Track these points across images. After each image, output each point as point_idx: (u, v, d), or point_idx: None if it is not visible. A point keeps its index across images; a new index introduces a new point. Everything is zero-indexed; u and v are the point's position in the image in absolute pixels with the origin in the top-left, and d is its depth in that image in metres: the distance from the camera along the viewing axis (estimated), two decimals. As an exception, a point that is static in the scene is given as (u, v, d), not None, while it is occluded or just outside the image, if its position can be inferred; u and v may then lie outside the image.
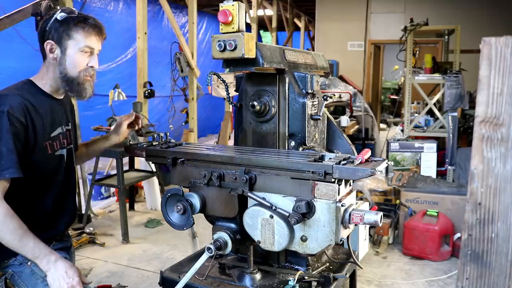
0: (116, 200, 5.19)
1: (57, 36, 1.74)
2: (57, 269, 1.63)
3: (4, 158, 1.61)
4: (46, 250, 1.65)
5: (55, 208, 1.89)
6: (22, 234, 1.61)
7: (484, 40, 1.15)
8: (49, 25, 1.75)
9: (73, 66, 1.78)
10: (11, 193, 1.66)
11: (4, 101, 1.65)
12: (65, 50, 1.76)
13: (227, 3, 1.73)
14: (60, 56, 1.76)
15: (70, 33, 1.75)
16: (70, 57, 1.76)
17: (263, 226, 1.69)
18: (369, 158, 1.70)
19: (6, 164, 1.61)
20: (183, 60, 5.67)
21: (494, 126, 1.16)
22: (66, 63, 1.77)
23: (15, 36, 4.94)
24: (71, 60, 1.77)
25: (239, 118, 2.16)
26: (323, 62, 2.47)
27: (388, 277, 3.33)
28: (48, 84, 1.82)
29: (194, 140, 5.99)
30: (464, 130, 6.18)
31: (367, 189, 4.10)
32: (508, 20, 7.76)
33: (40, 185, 1.82)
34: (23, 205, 1.72)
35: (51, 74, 1.80)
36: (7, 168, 1.61)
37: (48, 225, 1.87)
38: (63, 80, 1.80)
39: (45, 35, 1.76)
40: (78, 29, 1.75)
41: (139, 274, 3.40)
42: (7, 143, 1.62)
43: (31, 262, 1.72)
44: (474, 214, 1.21)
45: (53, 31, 1.74)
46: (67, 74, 1.78)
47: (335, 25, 9.19)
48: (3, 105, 1.64)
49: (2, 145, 1.62)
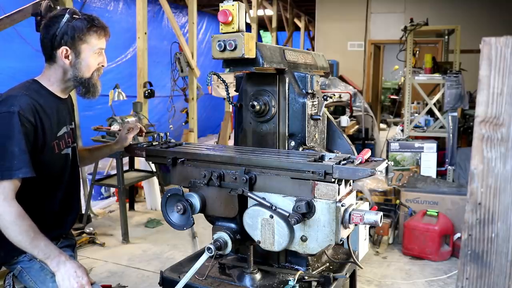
0: (116, 200, 5.19)
1: (71, 42, 1.76)
2: (67, 269, 1.66)
3: (16, 158, 1.63)
4: (56, 251, 1.68)
5: (62, 207, 1.91)
6: (33, 235, 1.63)
7: (484, 40, 1.15)
8: (60, 30, 1.75)
9: (87, 69, 1.82)
10: (21, 194, 1.67)
11: (14, 102, 1.67)
12: (79, 54, 1.79)
13: (227, 3, 1.73)
14: (74, 60, 1.79)
15: (84, 38, 1.78)
16: (84, 60, 1.80)
17: (263, 226, 1.69)
18: (369, 158, 1.70)
19: (19, 164, 1.63)
20: (183, 60, 5.67)
21: (494, 126, 1.16)
22: (81, 66, 1.80)
23: (15, 36, 4.94)
24: (86, 63, 1.81)
25: (239, 118, 2.16)
26: (323, 62, 2.47)
27: (388, 277, 3.33)
28: (55, 85, 1.84)
29: (194, 140, 5.99)
30: (464, 130, 6.18)
31: (367, 189, 4.10)
32: (508, 20, 7.76)
33: (49, 185, 1.83)
34: (32, 205, 1.73)
35: (59, 76, 1.82)
36: (19, 168, 1.62)
37: (56, 224, 1.89)
38: (78, 82, 1.83)
39: (56, 40, 1.76)
40: (91, 33, 1.79)
41: (139, 274, 3.40)
42: (19, 143, 1.63)
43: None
44: (474, 214, 1.21)
45: (65, 37, 1.75)
46: (82, 77, 1.82)
47: (335, 25, 9.19)
48: (13, 106, 1.65)
49: (14, 145, 1.63)
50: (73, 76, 1.81)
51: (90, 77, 1.84)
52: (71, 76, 1.81)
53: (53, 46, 1.77)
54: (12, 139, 1.63)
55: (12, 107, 1.65)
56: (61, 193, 1.89)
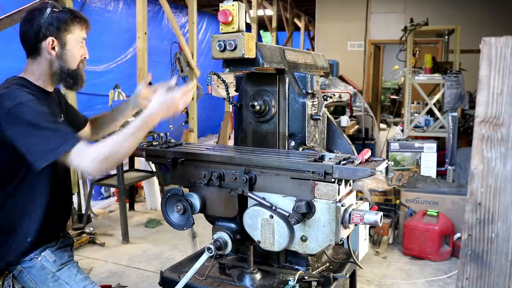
0: (116, 200, 5.19)
1: (57, 32, 1.74)
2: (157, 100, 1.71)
3: (61, 131, 1.60)
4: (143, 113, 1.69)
5: (57, 203, 1.88)
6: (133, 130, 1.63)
7: (484, 40, 1.15)
8: (45, 22, 1.73)
9: (73, 60, 1.80)
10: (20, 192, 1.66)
11: (15, 95, 1.64)
12: (65, 45, 1.77)
13: (227, 3, 1.73)
14: (60, 52, 1.77)
15: (69, 28, 1.76)
16: (70, 51, 1.78)
17: (263, 226, 1.69)
18: (369, 158, 1.70)
19: (67, 135, 1.60)
20: (183, 60, 5.67)
21: (494, 126, 1.16)
22: (67, 58, 1.78)
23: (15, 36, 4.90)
24: (71, 54, 1.79)
25: (239, 118, 2.16)
26: (323, 62, 2.47)
27: (388, 277, 3.33)
28: (41, 79, 1.81)
29: (194, 140, 5.99)
30: (464, 130, 6.18)
31: (367, 189, 4.10)
32: (508, 20, 7.76)
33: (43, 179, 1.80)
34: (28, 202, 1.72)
35: (45, 69, 1.79)
36: (72, 136, 1.60)
37: (54, 221, 1.87)
38: (65, 74, 1.80)
39: (42, 32, 1.73)
40: (75, 24, 1.78)
41: (139, 274, 3.40)
42: (50, 122, 1.60)
43: (42, 257, 1.75)
44: (474, 214, 1.21)
45: (51, 28, 1.73)
46: (69, 68, 1.80)
47: (335, 25, 9.19)
48: (17, 98, 1.62)
49: (49, 123, 1.60)
50: (59, 67, 1.79)
51: (77, 68, 1.82)
52: (57, 68, 1.79)
53: (38, 39, 1.74)
54: (42, 122, 1.59)
55: (16, 99, 1.61)
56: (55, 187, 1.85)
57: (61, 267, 1.77)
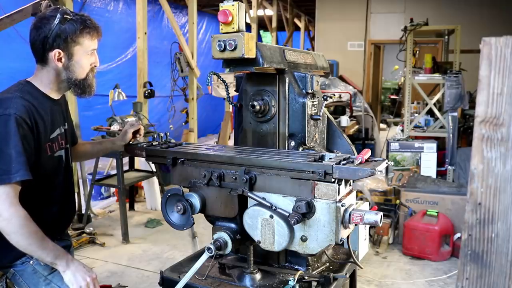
0: (116, 200, 5.19)
1: (64, 44, 1.72)
2: (76, 266, 1.67)
3: (13, 161, 1.59)
4: (62, 250, 1.69)
5: (58, 209, 1.89)
6: (41, 237, 1.63)
7: (484, 40, 1.15)
8: (52, 33, 1.70)
9: (81, 70, 1.79)
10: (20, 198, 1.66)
11: (9, 104, 1.64)
12: (72, 56, 1.75)
13: (227, 3, 1.72)
14: (67, 63, 1.75)
15: (77, 40, 1.74)
16: (78, 62, 1.77)
17: (263, 226, 1.69)
18: (369, 158, 1.69)
19: (16, 167, 1.59)
20: (183, 60, 5.67)
21: (494, 126, 1.16)
22: (74, 69, 1.77)
23: (15, 36, 4.93)
24: (79, 65, 1.77)
25: (239, 118, 2.16)
26: (323, 62, 2.47)
27: (388, 277, 3.33)
28: (48, 87, 1.80)
29: (194, 140, 5.99)
30: (464, 130, 6.18)
31: (367, 189, 4.10)
32: (508, 20, 7.76)
33: (44, 187, 1.81)
34: (29, 208, 1.72)
35: (52, 78, 1.78)
36: (17, 171, 1.59)
37: (53, 226, 1.86)
38: (72, 84, 1.80)
39: (48, 43, 1.71)
40: (84, 35, 1.75)
41: (139, 274, 3.40)
42: (16, 146, 1.60)
43: (33, 261, 1.73)
44: (474, 214, 1.21)
45: (58, 40, 1.71)
46: (77, 79, 1.79)
47: (335, 25, 9.19)
48: (9, 108, 1.62)
49: (11, 148, 1.59)
50: (66, 78, 1.78)
51: (85, 78, 1.80)
52: (64, 78, 1.78)
53: (44, 49, 1.72)
54: (9, 142, 1.60)
55: (7, 110, 1.62)
56: (57, 195, 1.87)
57: (53, 271, 1.74)
